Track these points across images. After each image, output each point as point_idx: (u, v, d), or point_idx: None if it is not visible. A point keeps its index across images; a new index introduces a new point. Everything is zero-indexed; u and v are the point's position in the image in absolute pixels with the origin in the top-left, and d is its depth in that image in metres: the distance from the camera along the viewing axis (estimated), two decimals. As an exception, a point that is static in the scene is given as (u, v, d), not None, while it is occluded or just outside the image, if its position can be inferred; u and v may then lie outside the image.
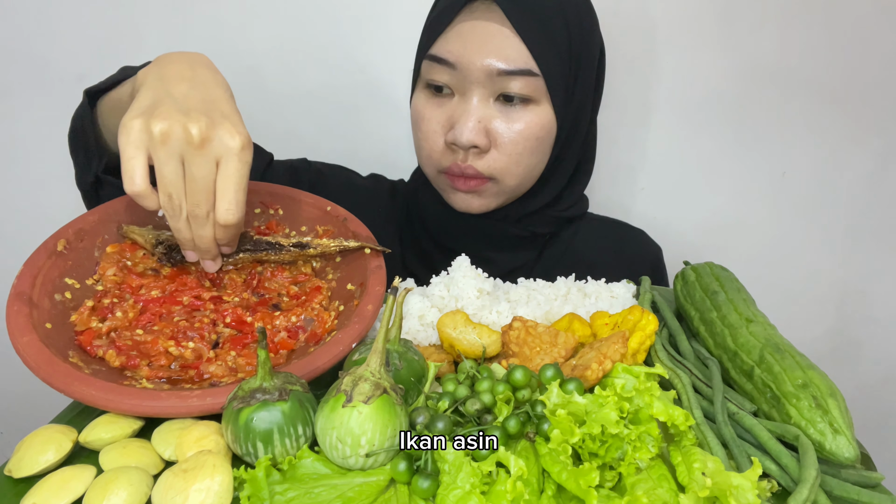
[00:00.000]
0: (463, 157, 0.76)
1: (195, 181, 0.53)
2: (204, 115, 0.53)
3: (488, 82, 0.73)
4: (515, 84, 0.73)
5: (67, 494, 0.43)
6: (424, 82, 0.78)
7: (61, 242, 0.61)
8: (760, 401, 0.53)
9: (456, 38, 0.74)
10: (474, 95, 0.74)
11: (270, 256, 0.65)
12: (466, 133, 0.73)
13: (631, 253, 0.97)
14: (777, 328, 0.60)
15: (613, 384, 0.50)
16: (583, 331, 0.62)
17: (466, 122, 0.74)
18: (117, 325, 0.58)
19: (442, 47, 0.74)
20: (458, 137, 0.74)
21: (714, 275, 0.68)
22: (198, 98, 0.55)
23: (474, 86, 0.74)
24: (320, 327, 0.61)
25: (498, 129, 0.75)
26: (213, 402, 0.49)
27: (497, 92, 0.74)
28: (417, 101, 0.80)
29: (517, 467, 0.42)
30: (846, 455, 0.46)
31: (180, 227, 0.56)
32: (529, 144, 0.76)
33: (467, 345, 0.58)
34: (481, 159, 0.76)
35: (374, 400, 0.45)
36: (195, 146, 0.52)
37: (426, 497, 0.44)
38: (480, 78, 0.73)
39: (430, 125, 0.77)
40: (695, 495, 0.41)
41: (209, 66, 0.60)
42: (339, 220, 0.71)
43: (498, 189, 0.80)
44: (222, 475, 0.43)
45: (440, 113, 0.77)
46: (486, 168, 0.77)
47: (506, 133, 0.75)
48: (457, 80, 0.74)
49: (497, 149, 0.76)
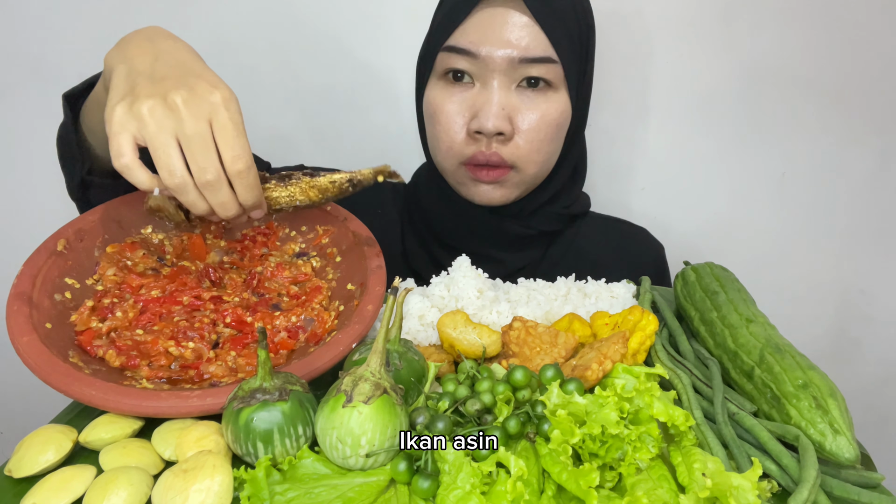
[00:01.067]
0: (487, 144, 0.76)
1: (192, 145, 0.51)
2: (178, 82, 0.52)
3: (510, 70, 0.74)
4: (536, 71, 0.74)
5: (67, 494, 0.43)
6: (440, 73, 0.78)
7: (61, 242, 0.61)
8: (761, 401, 0.53)
9: (476, 27, 0.74)
10: (495, 83, 0.75)
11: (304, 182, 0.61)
12: (492, 119, 0.74)
13: (634, 251, 0.97)
14: (777, 328, 0.60)
15: (614, 384, 0.50)
16: (583, 331, 0.62)
17: (491, 109, 0.74)
18: (117, 325, 0.58)
19: (461, 38, 0.75)
20: (483, 124, 0.74)
21: (714, 275, 0.68)
22: (167, 68, 0.54)
23: (495, 74, 0.74)
24: (320, 327, 0.61)
25: (520, 115, 0.76)
26: (213, 402, 0.49)
27: (517, 79, 0.75)
28: (434, 93, 0.79)
29: (517, 467, 0.42)
30: (846, 455, 0.46)
31: (194, 201, 0.54)
32: (550, 131, 0.77)
33: (467, 345, 0.58)
34: (505, 146, 0.77)
35: (374, 400, 0.45)
36: (180, 113, 0.51)
37: (426, 497, 0.44)
38: (502, 66, 0.73)
39: (451, 116, 0.77)
40: (695, 496, 0.41)
41: (168, 36, 0.59)
42: (339, 220, 0.71)
43: (519, 178, 0.80)
44: (222, 475, 0.43)
45: (460, 103, 0.77)
46: (509, 155, 0.77)
47: (528, 119, 0.76)
48: (477, 68, 0.75)
49: (519, 136, 0.76)
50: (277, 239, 0.71)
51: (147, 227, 0.68)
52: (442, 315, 0.62)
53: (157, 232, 0.68)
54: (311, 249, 0.71)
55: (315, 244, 0.71)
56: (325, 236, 0.71)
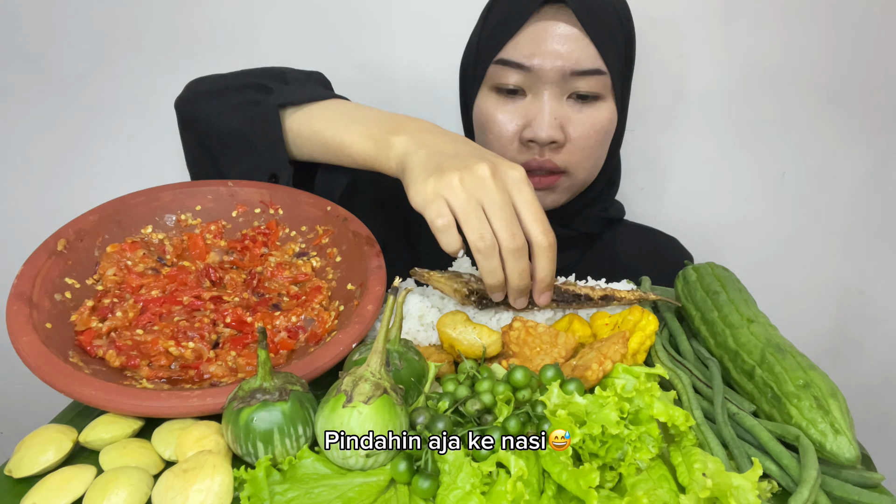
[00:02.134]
0: (540, 152, 0.79)
1: (502, 213, 0.55)
2: (480, 159, 0.57)
3: (561, 82, 0.76)
4: (586, 83, 0.76)
5: (67, 494, 0.43)
6: (491, 85, 0.80)
7: (61, 242, 0.61)
8: (761, 401, 0.53)
9: (529, 41, 0.76)
10: (546, 94, 0.77)
11: None
12: (546, 129, 0.76)
13: (666, 259, 0.99)
14: (778, 328, 0.59)
15: (614, 384, 0.50)
16: (583, 331, 0.62)
17: (544, 119, 0.76)
18: (117, 325, 0.58)
19: (514, 51, 0.76)
20: (537, 134, 0.76)
21: (715, 275, 0.68)
22: (467, 148, 0.60)
23: (547, 85, 0.76)
24: (320, 327, 0.61)
25: (571, 124, 0.78)
26: (213, 402, 0.49)
27: (569, 91, 0.77)
28: (485, 104, 0.81)
29: (517, 468, 0.42)
30: (847, 456, 0.46)
31: (495, 268, 0.56)
32: (599, 138, 0.80)
33: (467, 345, 0.58)
34: (558, 154, 0.79)
35: (374, 400, 0.45)
36: (488, 183, 0.55)
37: (426, 497, 0.44)
38: (554, 78, 0.75)
39: (504, 126, 0.79)
40: (695, 496, 0.41)
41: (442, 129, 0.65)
42: (339, 220, 0.71)
43: (570, 183, 0.82)
44: (222, 475, 0.43)
45: (512, 113, 0.79)
46: (562, 162, 0.79)
47: (579, 128, 0.78)
48: (529, 80, 0.77)
49: (571, 143, 0.78)
50: (277, 239, 0.71)
51: (147, 227, 0.68)
52: (442, 315, 0.62)
53: (157, 232, 0.68)
54: (311, 249, 0.71)
55: (315, 244, 0.71)
56: (325, 236, 0.71)
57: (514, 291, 0.59)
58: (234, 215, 0.72)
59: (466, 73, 0.85)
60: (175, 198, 0.70)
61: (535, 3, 0.75)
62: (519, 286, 0.58)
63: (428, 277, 0.64)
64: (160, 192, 0.70)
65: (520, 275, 0.57)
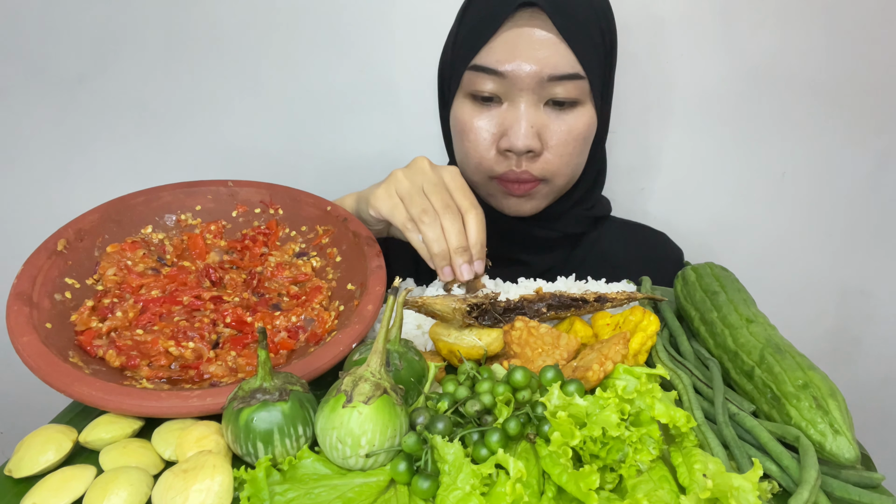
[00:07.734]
0: (517, 162, 0.77)
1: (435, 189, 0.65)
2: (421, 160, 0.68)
3: (538, 88, 0.73)
4: (564, 88, 0.74)
5: (67, 494, 0.43)
6: (467, 92, 0.78)
7: (61, 242, 0.61)
8: (761, 401, 0.53)
9: (502, 46, 0.73)
10: (523, 101, 0.74)
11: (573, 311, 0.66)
12: (522, 138, 0.74)
13: (654, 255, 0.98)
14: (777, 328, 0.59)
15: (615, 385, 0.50)
16: (584, 332, 0.62)
17: (520, 128, 0.74)
18: (117, 325, 0.58)
19: (489, 57, 0.74)
20: (514, 143, 0.74)
21: (714, 275, 0.68)
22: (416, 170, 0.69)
23: (523, 92, 0.74)
24: (320, 327, 0.61)
25: (549, 131, 0.76)
26: (213, 402, 0.49)
27: (546, 97, 0.75)
28: (461, 111, 0.79)
29: (516, 469, 0.42)
30: (847, 456, 0.46)
31: (437, 236, 0.64)
32: (578, 144, 0.78)
33: (468, 347, 0.58)
34: (535, 163, 0.77)
35: (374, 400, 0.45)
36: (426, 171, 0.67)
37: (426, 498, 0.44)
38: (531, 84, 0.73)
39: (480, 134, 0.77)
40: (696, 497, 0.41)
41: None
42: (339, 220, 0.71)
43: (548, 190, 0.81)
44: (222, 475, 0.43)
45: (488, 121, 0.77)
46: (540, 171, 0.77)
47: (556, 135, 0.76)
48: (505, 87, 0.75)
49: (549, 150, 0.77)
50: (277, 239, 0.71)
51: (147, 227, 0.68)
52: (433, 324, 0.61)
53: (157, 232, 0.68)
54: (311, 249, 0.71)
55: (315, 244, 0.71)
56: (325, 236, 0.71)
57: (455, 251, 0.64)
58: (234, 215, 0.72)
59: (443, 78, 0.83)
60: (175, 198, 0.70)
61: (510, 8, 0.73)
62: (459, 245, 0.64)
63: (422, 303, 0.61)
64: (160, 192, 0.70)
65: (457, 235, 0.64)
